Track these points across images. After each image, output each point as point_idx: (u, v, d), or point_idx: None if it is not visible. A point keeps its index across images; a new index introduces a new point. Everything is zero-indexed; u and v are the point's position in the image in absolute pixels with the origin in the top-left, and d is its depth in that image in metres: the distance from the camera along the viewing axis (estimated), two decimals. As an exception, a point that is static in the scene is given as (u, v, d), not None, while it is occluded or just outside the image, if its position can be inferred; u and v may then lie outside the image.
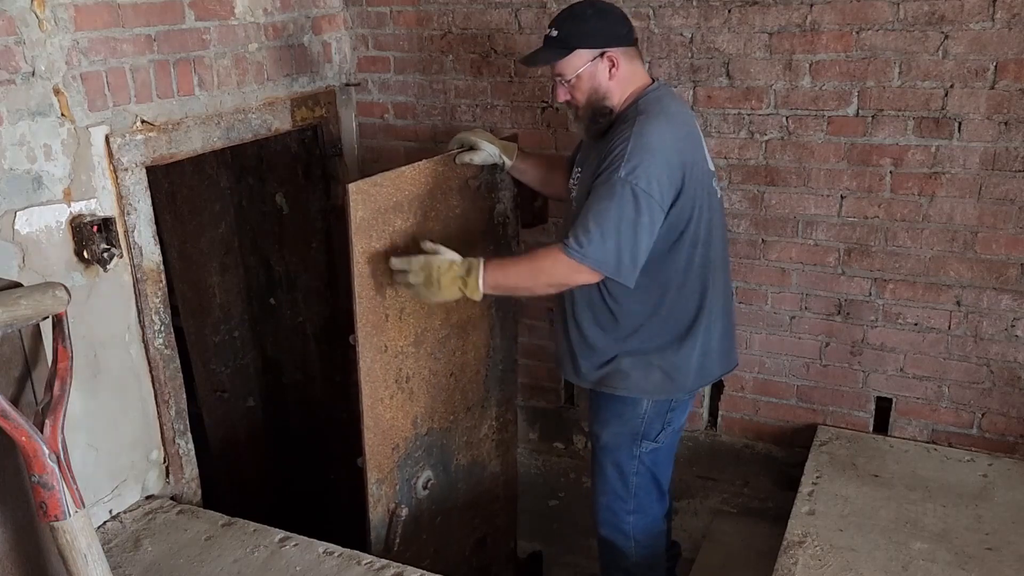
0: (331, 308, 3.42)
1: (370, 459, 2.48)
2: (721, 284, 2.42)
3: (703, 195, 2.26)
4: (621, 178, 2.10)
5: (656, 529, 2.63)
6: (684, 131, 2.24)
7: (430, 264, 2.23)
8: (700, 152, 2.28)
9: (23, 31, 2.06)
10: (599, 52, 2.21)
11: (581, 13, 2.25)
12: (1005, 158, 2.43)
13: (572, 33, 2.22)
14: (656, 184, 2.11)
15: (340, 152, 3.23)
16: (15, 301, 1.66)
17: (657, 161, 2.12)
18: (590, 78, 2.23)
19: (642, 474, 2.52)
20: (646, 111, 2.19)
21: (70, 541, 1.71)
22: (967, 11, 2.35)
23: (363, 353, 2.34)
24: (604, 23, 2.23)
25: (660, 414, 2.44)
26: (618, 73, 2.23)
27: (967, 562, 2.22)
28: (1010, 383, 2.62)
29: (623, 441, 2.49)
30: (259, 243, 3.40)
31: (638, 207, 2.10)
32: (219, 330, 3.43)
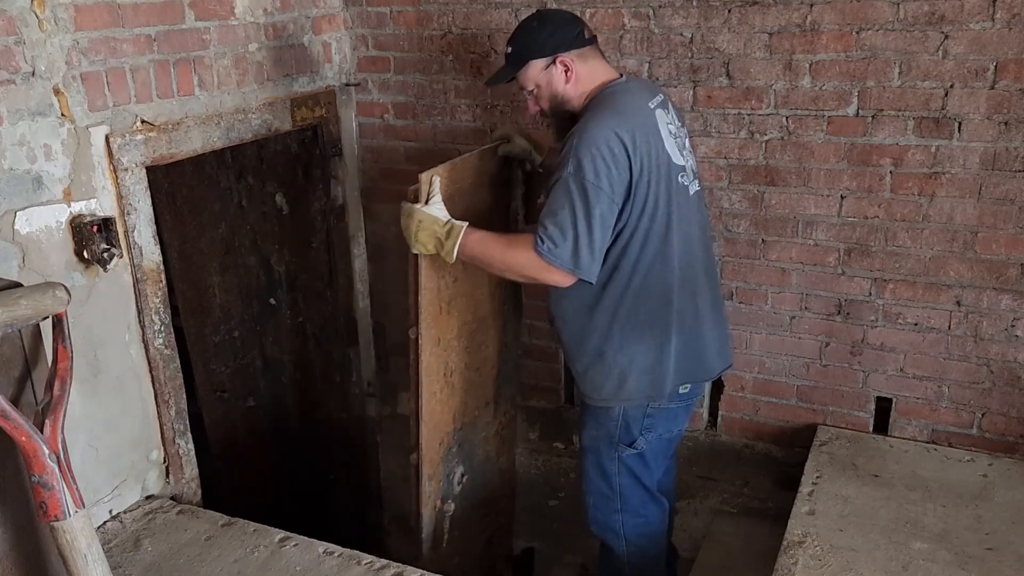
0: (331, 308, 3.42)
1: (424, 455, 2.50)
2: (696, 284, 2.37)
3: (660, 190, 2.24)
4: (570, 173, 2.14)
5: (650, 530, 2.59)
6: (633, 123, 2.21)
7: (412, 215, 2.25)
8: (656, 144, 2.25)
9: (23, 31, 2.06)
10: (550, 59, 2.27)
11: (528, 26, 2.32)
12: (1005, 158, 2.43)
13: (523, 46, 2.30)
14: (604, 177, 2.13)
15: (340, 152, 3.23)
16: (15, 301, 1.66)
17: (602, 153, 2.13)
18: (548, 86, 2.30)
19: (624, 475, 2.50)
20: (595, 109, 2.24)
21: (70, 541, 1.71)
22: (967, 11, 2.35)
23: (423, 346, 2.38)
24: (551, 31, 2.28)
25: (636, 420, 2.42)
26: (573, 76, 2.28)
27: (967, 562, 2.22)
28: (1010, 383, 2.62)
29: (601, 444, 2.49)
30: (259, 243, 3.40)
31: (587, 200, 2.12)
32: (219, 330, 3.43)
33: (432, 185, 2.27)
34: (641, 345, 2.33)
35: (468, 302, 2.53)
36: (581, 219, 2.13)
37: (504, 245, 2.26)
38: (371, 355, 3.61)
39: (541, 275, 2.20)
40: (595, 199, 2.13)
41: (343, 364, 3.50)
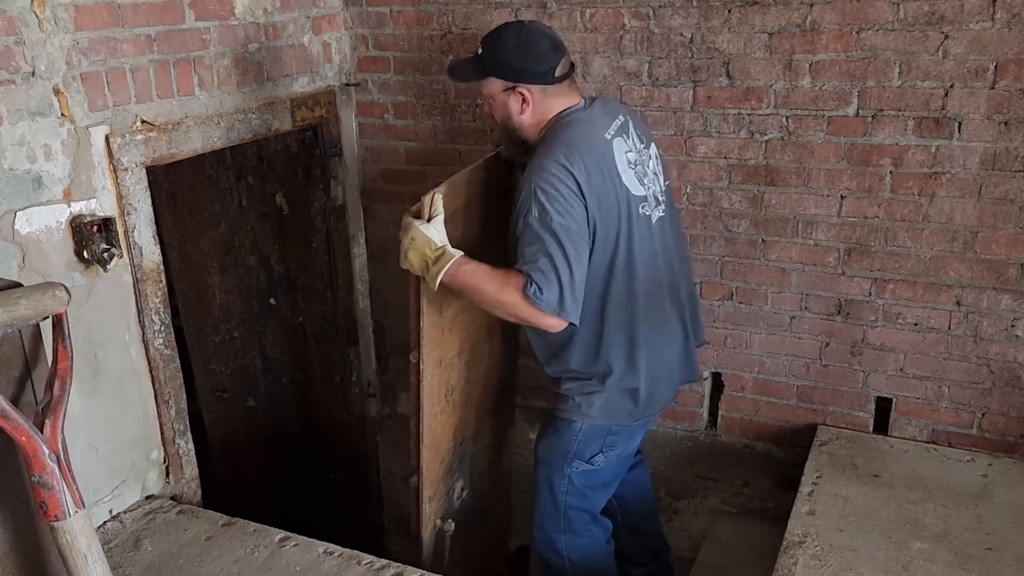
0: (331, 308, 3.42)
1: (425, 478, 2.47)
2: (661, 309, 2.35)
3: (621, 223, 2.21)
4: (536, 218, 2.09)
5: (594, 551, 2.56)
6: (587, 159, 2.16)
7: (407, 230, 2.16)
8: (612, 180, 2.20)
9: (23, 31, 2.06)
10: (511, 85, 2.21)
11: (504, 41, 2.21)
12: (1005, 158, 2.43)
13: (490, 59, 2.22)
14: (569, 215, 2.10)
15: (340, 152, 3.24)
16: (15, 301, 1.66)
17: (560, 191, 2.10)
18: (502, 107, 2.26)
19: (572, 494, 2.47)
20: (549, 142, 2.19)
21: (70, 541, 1.71)
22: (967, 11, 2.35)
23: (424, 370, 2.32)
24: (523, 59, 2.19)
25: (597, 437, 2.40)
26: (529, 108, 2.23)
27: (967, 562, 2.22)
28: (1010, 383, 2.62)
29: (555, 457, 2.46)
30: (259, 243, 3.40)
31: (560, 243, 2.08)
32: (219, 330, 3.42)
33: (434, 204, 2.18)
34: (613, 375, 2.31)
35: (471, 315, 2.47)
36: (561, 263, 2.08)
37: (497, 284, 2.14)
38: (371, 355, 3.61)
39: (533, 319, 2.14)
40: (567, 240, 2.09)
41: (343, 364, 3.50)
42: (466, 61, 2.32)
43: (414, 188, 3.29)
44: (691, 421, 3.06)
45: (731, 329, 2.91)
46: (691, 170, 2.79)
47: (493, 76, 2.23)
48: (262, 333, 3.54)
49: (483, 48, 2.24)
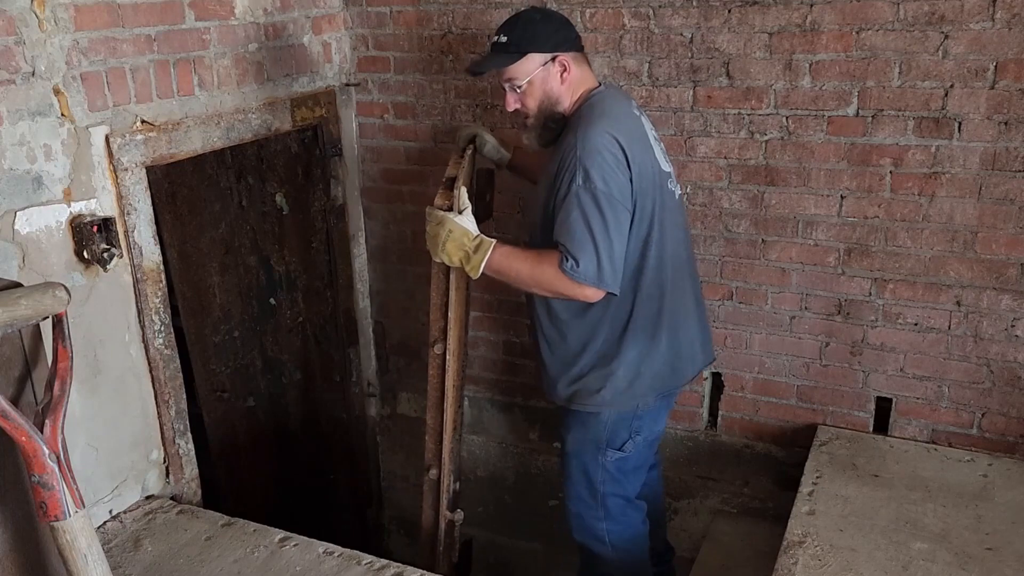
0: (331, 308, 3.42)
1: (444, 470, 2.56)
2: (683, 284, 2.40)
3: (656, 195, 2.26)
4: (579, 186, 2.11)
5: (634, 534, 2.60)
6: (627, 130, 2.23)
7: (443, 223, 2.23)
8: (648, 153, 2.27)
9: (23, 31, 2.06)
10: (550, 56, 2.23)
11: (530, 18, 2.26)
12: (1005, 158, 2.43)
13: (523, 38, 2.22)
14: (614, 184, 2.12)
15: (340, 152, 3.24)
16: (15, 301, 1.66)
17: (607, 160, 2.13)
18: (542, 83, 2.25)
19: (608, 482, 2.50)
20: (588, 115, 2.21)
21: (70, 541, 1.71)
22: (967, 11, 2.35)
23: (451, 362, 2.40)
24: (553, 28, 2.25)
25: (624, 423, 2.43)
26: (569, 77, 2.26)
27: (967, 562, 2.22)
28: (1010, 383, 2.62)
29: (586, 449, 2.48)
30: (259, 243, 3.40)
31: (601, 211, 2.10)
32: (219, 330, 3.42)
33: (463, 195, 2.24)
34: (640, 349, 2.34)
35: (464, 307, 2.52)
36: (599, 232, 2.11)
37: (532, 262, 2.22)
38: (371, 355, 3.61)
39: (572, 292, 2.18)
40: (608, 208, 2.11)
41: (343, 364, 3.50)
42: (492, 53, 2.28)
43: (414, 188, 3.29)
44: (691, 421, 3.06)
45: (731, 329, 2.91)
46: (691, 170, 2.79)
47: (531, 52, 2.22)
48: (262, 333, 3.54)
49: (508, 35, 2.23)
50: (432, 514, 2.60)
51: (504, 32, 2.25)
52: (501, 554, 3.54)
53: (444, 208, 2.27)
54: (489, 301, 3.26)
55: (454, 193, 2.26)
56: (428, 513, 2.61)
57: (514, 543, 3.53)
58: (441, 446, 2.49)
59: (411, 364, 3.57)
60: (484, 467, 3.47)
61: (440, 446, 2.49)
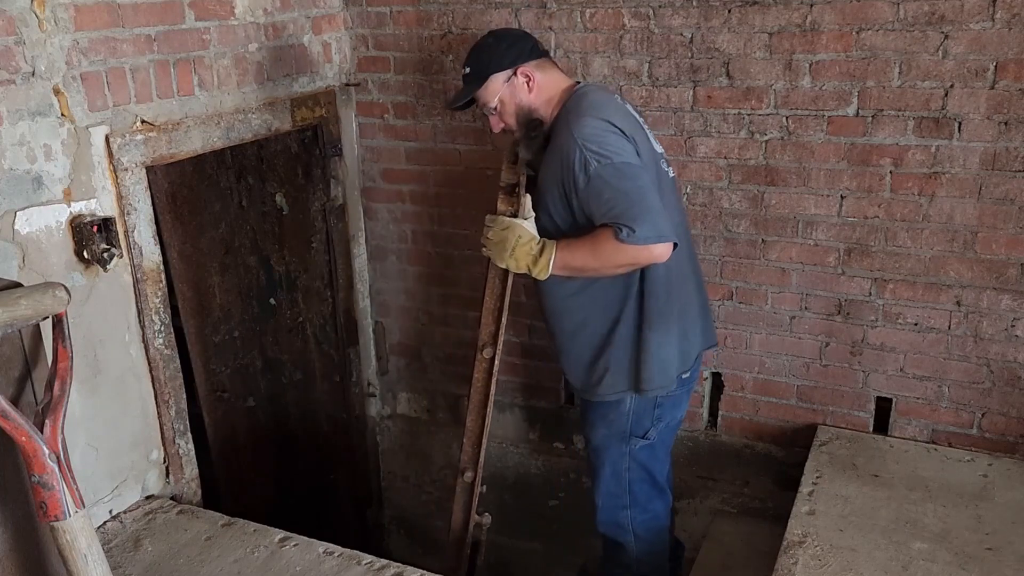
0: (331, 308, 3.42)
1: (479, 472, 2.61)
2: (687, 269, 2.44)
3: (654, 171, 2.29)
4: (596, 166, 2.15)
5: (657, 525, 2.63)
6: (616, 113, 2.27)
7: (512, 229, 2.29)
8: (640, 132, 2.32)
9: (23, 31, 2.06)
10: (511, 71, 2.30)
11: (483, 44, 2.36)
12: (1005, 158, 2.43)
13: (481, 63, 2.33)
14: (626, 153, 2.17)
15: (340, 152, 3.23)
16: (15, 301, 1.66)
17: (609, 137, 2.17)
18: (511, 98, 2.32)
19: (635, 470, 2.53)
20: (575, 109, 2.26)
21: (70, 541, 1.71)
22: (967, 11, 2.35)
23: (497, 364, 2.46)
24: (506, 46, 2.33)
25: (647, 410, 2.45)
26: (536, 85, 2.32)
27: (967, 562, 2.22)
28: (1010, 383, 2.62)
29: (612, 442, 2.50)
30: (259, 243, 3.40)
31: (627, 175, 2.14)
32: (219, 330, 3.42)
33: (528, 202, 2.31)
34: (659, 332, 2.36)
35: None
36: (636, 194, 2.14)
37: (590, 249, 2.23)
38: (371, 355, 3.61)
39: (640, 257, 2.18)
40: (632, 173, 2.15)
41: (343, 364, 3.50)
42: (463, 85, 2.39)
43: (414, 188, 3.30)
44: (691, 421, 3.06)
45: (731, 329, 2.91)
46: (691, 170, 2.79)
47: (492, 74, 2.31)
48: (262, 333, 3.54)
49: (469, 65, 2.35)
50: (462, 516, 2.62)
51: (466, 63, 2.37)
52: (501, 554, 3.54)
53: (508, 214, 2.35)
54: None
55: (515, 199, 2.35)
56: (458, 515, 2.63)
57: (514, 543, 3.53)
58: (480, 449, 2.52)
59: (411, 364, 3.57)
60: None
61: (479, 449, 2.52)
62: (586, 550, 3.32)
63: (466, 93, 2.36)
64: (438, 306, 3.41)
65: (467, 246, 3.18)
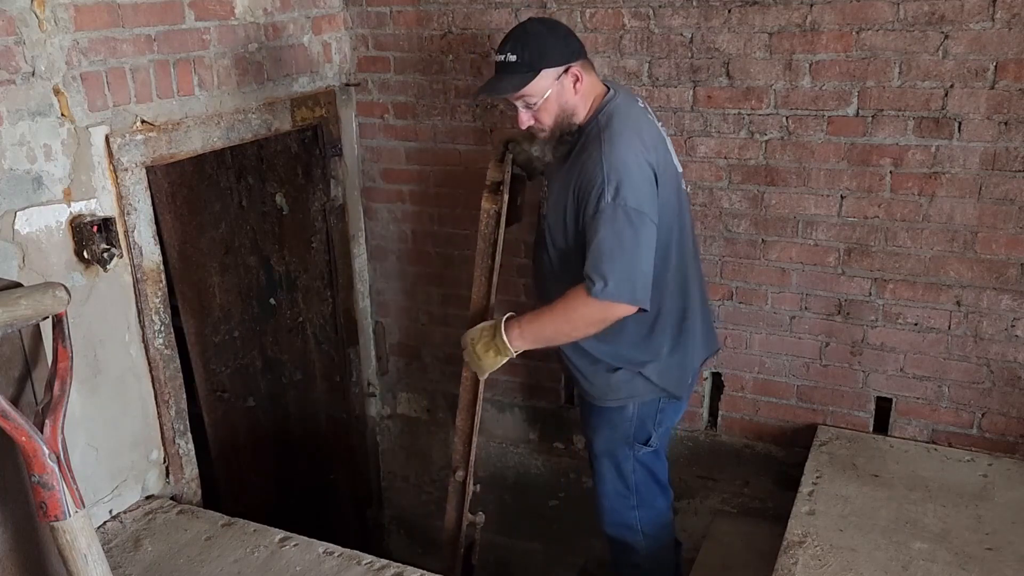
0: (331, 308, 3.42)
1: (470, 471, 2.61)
2: (695, 277, 2.45)
3: (674, 199, 2.28)
4: (609, 203, 2.09)
5: (662, 520, 2.65)
6: (649, 138, 2.23)
7: (465, 338, 2.39)
8: (667, 155, 2.28)
9: (23, 31, 2.06)
10: (564, 69, 2.17)
11: (537, 32, 2.17)
12: (1005, 158, 2.43)
13: (534, 54, 2.14)
14: (645, 201, 2.12)
15: (340, 152, 3.23)
16: (15, 301, 1.66)
17: (635, 176, 2.11)
18: (558, 97, 2.18)
19: (639, 472, 2.54)
20: (608, 126, 2.18)
21: (70, 541, 1.71)
22: (967, 11, 2.35)
23: None
24: (562, 39, 2.19)
25: (650, 416, 2.46)
26: (582, 87, 2.20)
27: (967, 562, 2.22)
28: (1010, 383, 2.62)
29: (616, 446, 2.51)
30: (259, 243, 3.40)
31: (634, 225, 2.10)
32: (219, 330, 3.43)
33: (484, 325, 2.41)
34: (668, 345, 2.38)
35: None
36: (630, 248, 2.10)
37: (559, 312, 2.22)
38: (371, 355, 3.61)
39: (607, 315, 2.17)
40: (640, 224, 2.10)
41: (343, 364, 3.50)
42: (502, 75, 2.19)
43: (414, 188, 3.30)
44: (691, 421, 3.06)
45: (731, 329, 2.91)
46: (691, 170, 2.79)
47: (545, 68, 2.14)
48: (262, 333, 3.54)
49: (517, 53, 2.14)
50: (455, 516, 2.62)
51: (511, 50, 2.15)
52: (501, 554, 3.54)
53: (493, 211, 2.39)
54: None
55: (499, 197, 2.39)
56: (451, 515, 2.63)
57: (514, 543, 3.53)
58: (470, 448, 2.51)
59: (411, 364, 3.57)
60: (484, 467, 3.47)
61: (469, 448, 2.52)
62: (586, 550, 3.32)
63: (513, 85, 2.15)
64: (438, 306, 3.41)
65: (467, 246, 3.18)
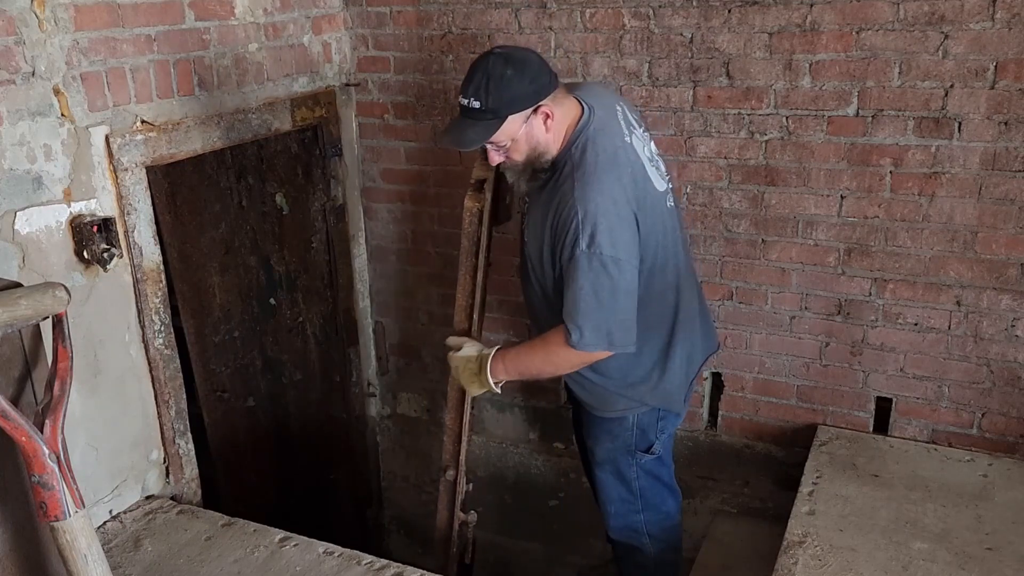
0: (331, 308, 3.42)
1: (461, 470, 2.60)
2: (687, 291, 2.40)
3: (658, 227, 2.22)
4: (583, 251, 2.04)
5: (670, 523, 2.64)
6: (629, 172, 2.14)
7: (452, 362, 2.39)
8: (647, 184, 2.19)
9: (23, 31, 2.06)
10: (532, 110, 2.07)
11: (501, 75, 2.02)
12: (1005, 158, 2.43)
13: (499, 100, 2.03)
14: (621, 244, 2.07)
15: (340, 152, 3.24)
16: (15, 301, 1.66)
17: (612, 219, 2.05)
18: (528, 138, 2.10)
19: (643, 477, 2.53)
20: (582, 163, 2.09)
21: (70, 541, 1.71)
22: (967, 11, 2.35)
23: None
24: (528, 79, 2.05)
25: (651, 424, 2.44)
26: (553, 124, 2.11)
27: (967, 562, 2.22)
28: (1010, 383, 2.62)
29: (618, 454, 2.50)
30: (259, 243, 3.40)
31: (610, 274, 2.06)
32: (219, 330, 3.42)
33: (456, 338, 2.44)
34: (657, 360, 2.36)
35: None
36: (606, 298, 2.07)
37: (540, 352, 2.26)
38: (371, 355, 3.61)
39: (586, 360, 2.21)
40: (617, 272, 2.06)
41: (343, 364, 3.50)
42: (465, 124, 2.09)
43: (414, 188, 3.30)
44: (691, 421, 3.06)
45: (731, 329, 2.91)
46: (691, 170, 2.79)
47: (512, 114, 2.05)
48: (262, 333, 3.54)
49: (478, 100, 2.04)
50: (447, 515, 2.62)
51: (474, 95, 2.03)
52: (501, 554, 3.54)
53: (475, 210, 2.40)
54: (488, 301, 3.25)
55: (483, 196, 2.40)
56: (443, 514, 2.63)
57: (514, 543, 3.53)
58: (460, 447, 2.51)
59: (411, 364, 3.57)
60: (484, 467, 3.47)
61: (459, 447, 2.52)
62: (586, 550, 3.32)
63: (477, 135, 2.07)
64: (438, 306, 3.41)
65: (467, 246, 3.18)
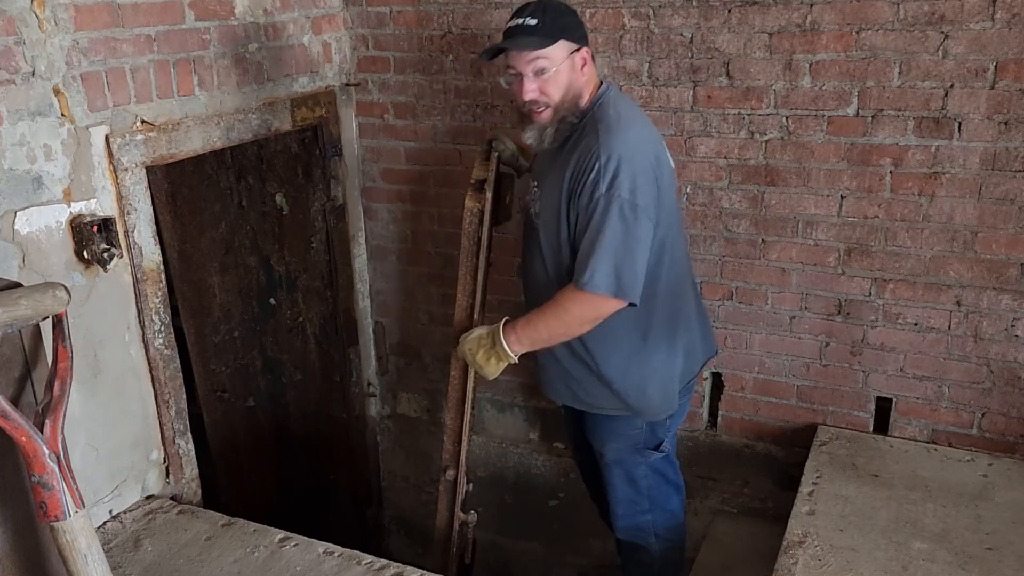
0: (331, 308, 3.42)
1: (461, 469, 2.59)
2: (688, 280, 2.44)
3: (673, 202, 2.26)
4: (603, 194, 2.07)
5: (675, 522, 2.65)
6: (649, 128, 2.23)
7: (462, 345, 2.37)
8: (663, 153, 2.27)
9: (23, 31, 2.06)
10: (577, 47, 2.16)
11: (558, 6, 2.18)
12: (1005, 158, 2.43)
13: (556, 23, 2.13)
14: (641, 195, 2.09)
15: (340, 152, 3.24)
16: (15, 301, 1.66)
17: (635, 168, 2.09)
18: (568, 72, 2.16)
19: (650, 477, 2.53)
20: (604, 118, 2.16)
21: (70, 541, 1.71)
22: (967, 11, 2.35)
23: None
24: (578, 20, 2.21)
25: (660, 425, 2.46)
26: (587, 71, 2.20)
27: (967, 562, 2.22)
28: (1010, 383, 2.62)
29: (625, 454, 2.50)
30: (259, 243, 3.40)
31: (625, 219, 2.08)
32: (219, 330, 3.43)
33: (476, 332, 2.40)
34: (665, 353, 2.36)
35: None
36: (619, 242, 2.08)
37: (551, 312, 2.22)
38: (371, 355, 3.61)
39: (596, 311, 2.16)
40: (633, 219, 2.08)
41: (343, 364, 3.50)
42: (518, 35, 2.13)
43: (414, 188, 3.30)
44: (691, 421, 3.06)
45: (731, 329, 2.91)
46: (691, 170, 2.79)
47: (563, 39, 2.12)
48: (262, 333, 3.54)
49: (538, 18, 2.11)
50: (447, 515, 2.62)
51: (532, 15, 2.12)
52: (501, 554, 3.54)
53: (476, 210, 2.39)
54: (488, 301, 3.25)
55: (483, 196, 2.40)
56: (443, 514, 2.63)
57: (514, 543, 3.53)
58: (460, 447, 2.51)
59: (411, 364, 3.57)
60: (484, 467, 3.47)
61: (459, 447, 2.51)
62: (586, 550, 3.32)
63: (531, 44, 2.10)
64: (438, 306, 3.41)
65: (467, 246, 3.18)
